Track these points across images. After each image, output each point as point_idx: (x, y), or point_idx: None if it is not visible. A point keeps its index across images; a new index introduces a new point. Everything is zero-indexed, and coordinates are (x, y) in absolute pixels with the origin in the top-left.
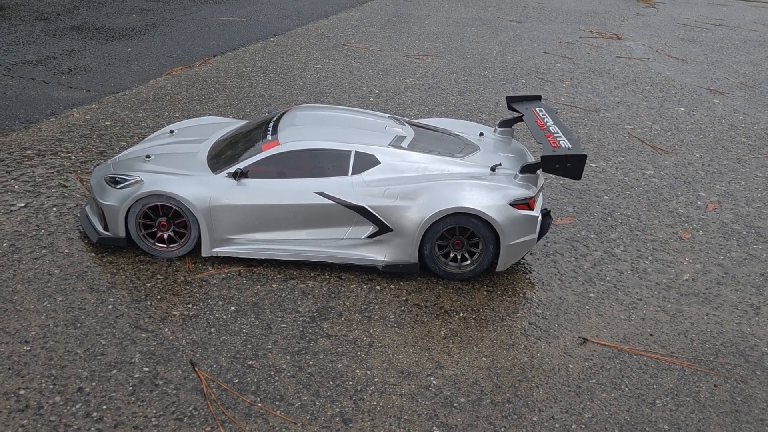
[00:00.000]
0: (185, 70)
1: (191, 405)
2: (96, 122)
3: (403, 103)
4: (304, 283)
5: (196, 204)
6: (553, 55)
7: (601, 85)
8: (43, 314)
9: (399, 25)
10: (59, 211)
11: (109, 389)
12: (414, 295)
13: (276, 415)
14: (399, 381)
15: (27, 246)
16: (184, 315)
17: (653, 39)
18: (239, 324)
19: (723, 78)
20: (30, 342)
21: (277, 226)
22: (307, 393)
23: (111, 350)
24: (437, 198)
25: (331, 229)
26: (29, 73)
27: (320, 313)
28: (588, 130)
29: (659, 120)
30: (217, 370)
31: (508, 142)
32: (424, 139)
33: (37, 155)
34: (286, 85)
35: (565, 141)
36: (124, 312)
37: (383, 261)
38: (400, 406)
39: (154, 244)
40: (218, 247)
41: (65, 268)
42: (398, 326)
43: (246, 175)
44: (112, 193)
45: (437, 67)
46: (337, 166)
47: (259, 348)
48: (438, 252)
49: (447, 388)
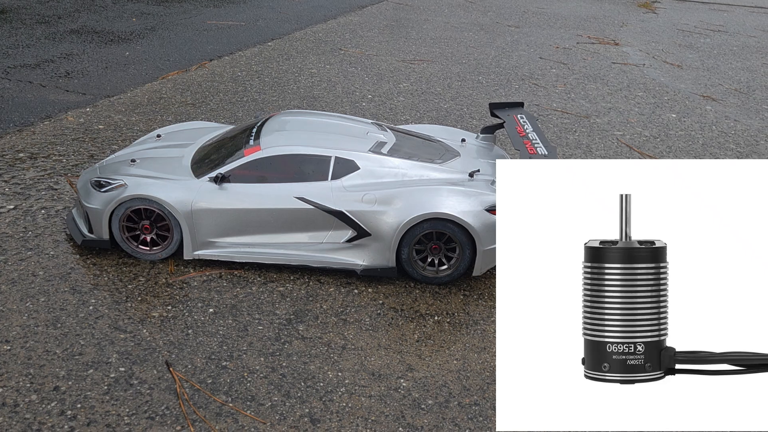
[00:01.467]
0: (181, 74)
1: (164, 404)
2: (89, 126)
3: (394, 108)
4: (283, 286)
5: (178, 208)
6: (548, 61)
7: (594, 91)
8: (25, 314)
9: (397, 29)
10: (47, 213)
11: (85, 388)
12: (391, 298)
13: (246, 415)
14: (369, 383)
15: (13, 248)
16: (162, 316)
17: (651, 45)
18: (216, 326)
19: (717, 84)
20: (10, 341)
21: (258, 229)
22: (278, 394)
23: (89, 350)
24: (414, 203)
25: (311, 233)
26: (27, 76)
27: (297, 315)
28: (577, 136)
29: (649, 126)
30: (192, 370)
31: (490, 149)
32: (405, 145)
33: (30, 158)
34: (280, 89)
35: (542, 148)
36: (105, 313)
37: (361, 265)
38: (369, 407)
39: (138, 246)
40: (200, 250)
41: (49, 269)
42: (373, 329)
43: (227, 179)
44: (96, 196)
45: (432, 72)
46: (317, 171)
47: (234, 349)
48: (416, 256)
49: (416, 390)
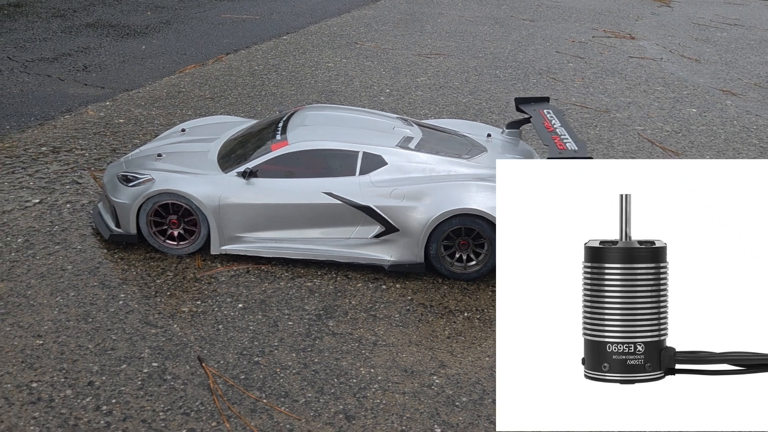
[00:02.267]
0: (198, 68)
1: (198, 400)
2: (110, 119)
3: (413, 102)
4: (311, 281)
5: (205, 202)
6: (565, 55)
7: (612, 85)
8: (55, 309)
9: (412, 23)
10: (73, 207)
11: (119, 383)
12: (419, 294)
13: (281, 411)
14: (402, 379)
15: (41, 242)
16: (192, 311)
17: (667, 39)
18: (246, 321)
19: (736, 79)
20: (43, 336)
21: (285, 224)
22: (311, 390)
23: (121, 345)
24: (444, 199)
25: (338, 228)
26: (45, 70)
27: (326, 311)
28: (598, 131)
29: (670, 121)
30: (224, 366)
31: (515, 144)
32: (432, 140)
33: (52, 152)
34: (297, 83)
35: (571, 143)
36: (135, 308)
37: (389, 260)
38: (403, 404)
39: (165, 241)
40: (227, 245)
41: (77, 263)
42: (403, 325)
43: (255, 174)
44: (124, 190)
45: (449, 66)
46: (344, 166)
47: (265, 345)
48: (444, 252)
49: (449, 387)
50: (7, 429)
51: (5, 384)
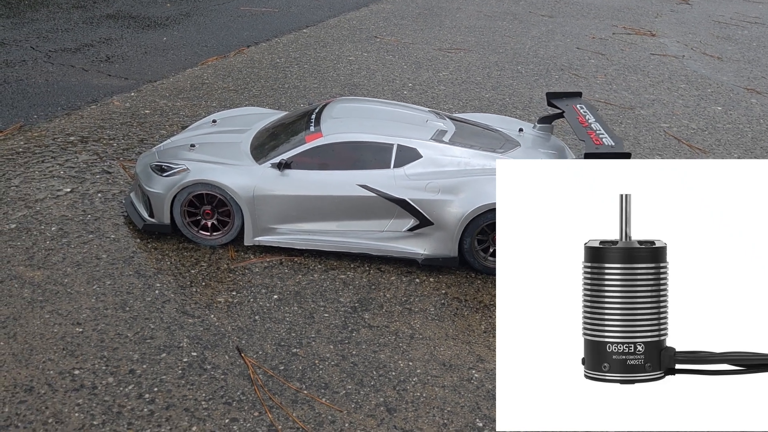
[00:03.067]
0: (220, 60)
1: (239, 390)
2: (136, 110)
3: (437, 97)
4: (344, 273)
5: (240, 193)
6: (586, 51)
7: (635, 82)
8: (93, 297)
9: (430, 17)
10: (104, 197)
11: (160, 372)
12: (453, 288)
13: (322, 403)
14: (441, 373)
15: (75, 231)
16: (228, 302)
17: (688, 36)
18: (282, 312)
19: (760, 77)
20: (82, 324)
21: (319, 216)
22: (351, 382)
23: (159, 334)
24: (479, 193)
25: (372, 221)
26: (68, 60)
27: (361, 303)
28: (623, 128)
29: (695, 119)
30: (263, 356)
31: (547, 139)
32: (465, 134)
33: (80, 141)
34: (320, 77)
35: (608, 139)
36: (171, 297)
37: (423, 254)
38: (443, 397)
39: (198, 231)
40: (261, 236)
41: (112, 252)
42: (439, 319)
43: (289, 165)
44: (158, 180)
45: (470, 61)
46: (379, 158)
47: (302, 336)
48: (477, 246)
49: (489, 381)
50: (53, 415)
51: (48, 370)
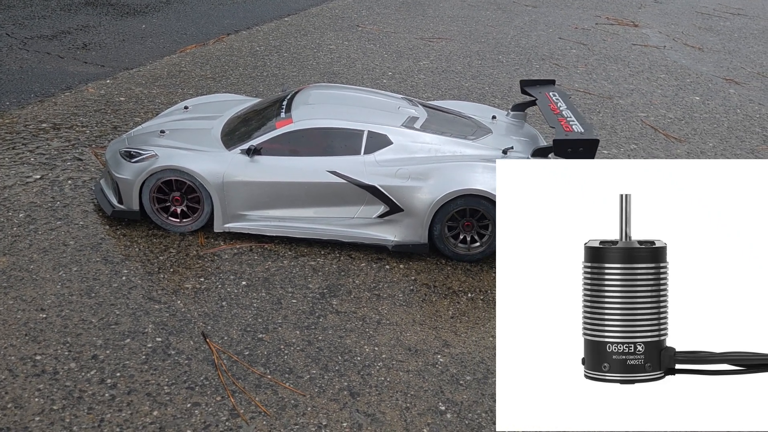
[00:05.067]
0: (199, 48)
1: (202, 375)
2: (110, 97)
3: (416, 86)
4: (314, 260)
5: (209, 179)
6: (568, 41)
7: (615, 72)
8: (58, 283)
9: (413, 7)
10: (74, 183)
11: (123, 357)
12: (423, 275)
13: (285, 387)
14: (406, 358)
15: (43, 217)
16: (196, 288)
17: (670, 27)
18: (250, 298)
19: (740, 68)
20: (46, 310)
21: (289, 203)
22: (315, 367)
23: (124, 320)
24: (448, 179)
25: (342, 207)
26: (44, 48)
27: (330, 290)
28: (601, 117)
29: (673, 108)
30: (228, 342)
31: (520, 126)
32: (437, 121)
33: (53, 128)
34: (299, 65)
35: (577, 125)
36: (138, 283)
37: (393, 241)
38: (407, 381)
39: (168, 218)
40: (230, 222)
41: (80, 239)
42: (407, 305)
43: (259, 152)
44: (127, 166)
45: (451, 50)
46: (349, 145)
47: (269, 322)
48: (448, 233)
49: (453, 365)
50: (12, 400)
51: (9, 356)
